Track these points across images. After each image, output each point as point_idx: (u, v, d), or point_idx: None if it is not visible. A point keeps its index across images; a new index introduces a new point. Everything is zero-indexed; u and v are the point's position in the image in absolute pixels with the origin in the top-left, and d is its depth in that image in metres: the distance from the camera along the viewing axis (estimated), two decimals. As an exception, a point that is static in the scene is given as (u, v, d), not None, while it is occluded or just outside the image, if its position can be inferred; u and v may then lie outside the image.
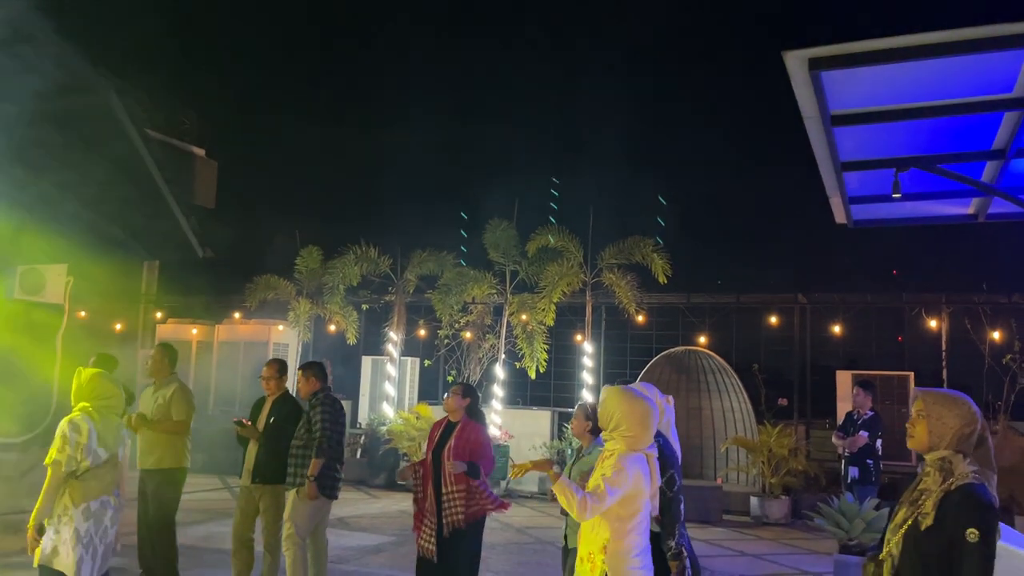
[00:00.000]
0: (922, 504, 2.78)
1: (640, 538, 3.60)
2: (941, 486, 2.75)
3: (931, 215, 7.27)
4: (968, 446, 2.81)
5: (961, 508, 2.67)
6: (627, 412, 3.62)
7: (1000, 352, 11.81)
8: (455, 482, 5.25)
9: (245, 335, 15.12)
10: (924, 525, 2.72)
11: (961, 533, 2.62)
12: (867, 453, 8.40)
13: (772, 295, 13.25)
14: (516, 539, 9.46)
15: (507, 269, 13.50)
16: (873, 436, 8.41)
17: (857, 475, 8.35)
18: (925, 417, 2.87)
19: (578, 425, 5.07)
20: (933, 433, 2.84)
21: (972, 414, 2.84)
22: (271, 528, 6.15)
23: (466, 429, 5.41)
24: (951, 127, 5.25)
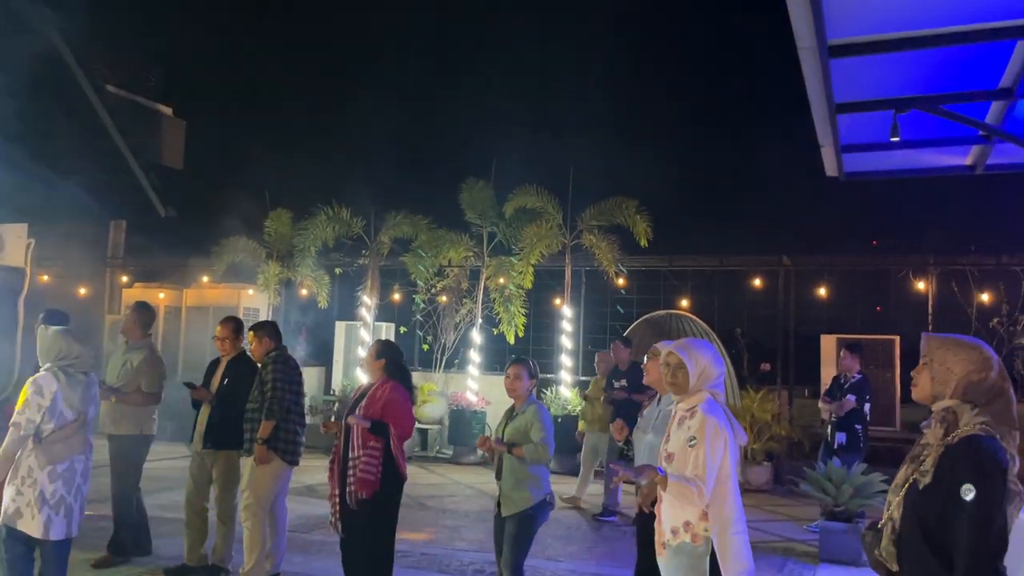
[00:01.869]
0: (923, 461, 2.45)
1: (737, 498, 3.36)
2: (943, 439, 2.42)
3: (926, 166, 6.93)
4: (978, 395, 2.45)
5: (959, 462, 2.33)
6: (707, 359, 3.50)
7: (988, 315, 11.58)
8: (361, 446, 4.78)
9: (214, 299, 14.62)
10: (923, 484, 2.39)
11: (955, 490, 2.29)
12: (855, 418, 8.14)
13: (756, 258, 12.91)
14: (490, 507, 9.08)
15: (484, 231, 13.08)
16: (861, 400, 8.15)
17: (844, 441, 8.09)
18: (928, 363, 2.53)
19: (521, 385, 4.74)
20: (936, 380, 2.50)
21: (984, 360, 2.48)
22: (225, 496, 5.77)
23: (380, 388, 4.97)
24: (955, 62, 4.87)
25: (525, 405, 4.71)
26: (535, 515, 4.57)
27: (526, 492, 4.54)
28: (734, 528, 3.30)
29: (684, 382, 3.47)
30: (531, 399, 4.74)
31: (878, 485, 7.01)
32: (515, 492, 4.54)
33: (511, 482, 4.56)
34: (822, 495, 7.04)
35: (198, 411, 5.92)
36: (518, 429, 4.62)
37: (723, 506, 3.28)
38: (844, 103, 5.34)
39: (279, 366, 5.51)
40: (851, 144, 6.41)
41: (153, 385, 6.16)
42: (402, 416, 4.95)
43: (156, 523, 6.99)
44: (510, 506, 4.55)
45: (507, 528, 4.54)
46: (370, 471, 4.74)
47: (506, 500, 4.58)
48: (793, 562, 7.07)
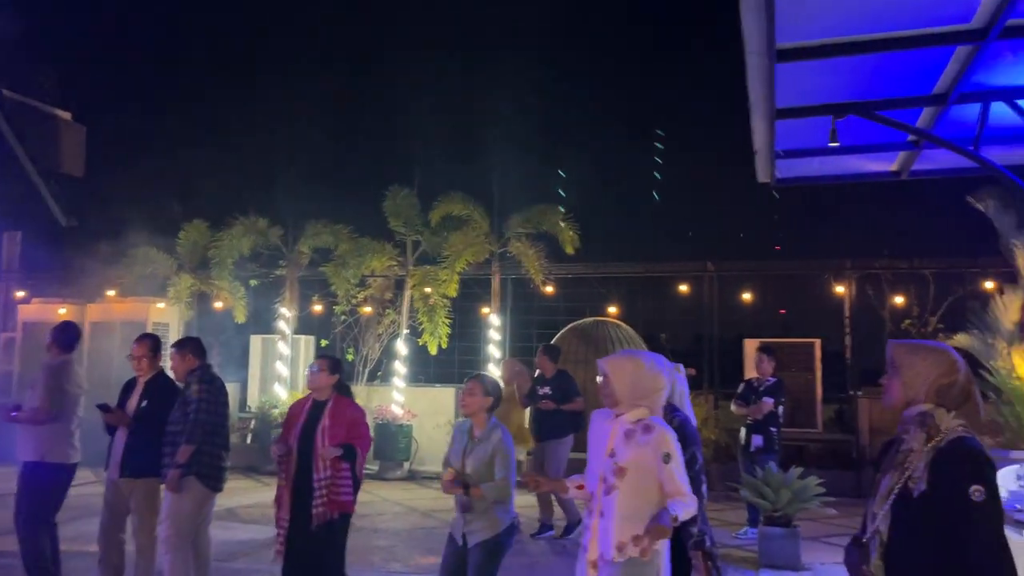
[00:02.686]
0: (910, 467, 2.39)
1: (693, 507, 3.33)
2: (928, 444, 2.37)
3: (854, 172, 7.06)
4: (950, 400, 2.44)
5: (958, 465, 2.30)
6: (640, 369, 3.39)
7: (900, 317, 11.98)
8: (329, 467, 4.65)
9: (120, 314, 13.82)
10: (917, 490, 2.34)
11: (962, 493, 2.24)
12: (771, 420, 8.21)
13: (681, 264, 13.04)
14: (422, 524, 8.87)
15: (408, 239, 12.79)
16: (777, 402, 8.22)
17: (762, 443, 8.13)
18: (898, 369, 2.51)
19: (476, 402, 4.32)
20: (907, 385, 2.48)
21: (951, 364, 2.48)
22: (145, 528, 5.33)
23: (339, 406, 4.83)
24: (892, 68, 4.94)
25: (487, 430, 4.32)
26: (504, 542, 4.26)
27: (494, 517, 4.21)
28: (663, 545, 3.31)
29: (612, 394, 3.41)
30: (492, 421, 4.37)
31: (815, 489, 7.06)
32: (482, 519, 4.21)
33: (479, 509, 4.21)
34: (760, 500, 7.05)
35: (113, 436, 5.47)
36: (481, 460, 4.25)
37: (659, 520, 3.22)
38: (784, 108, 5.34)
39: (204, 386, 5.13)
40: (784, 150, 6.45)
41: (46, 400, 5.56)
42: (366, 435, 4.96)
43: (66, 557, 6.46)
44: (478, 535, 4.21)
45: (472, 557, 4.20)
46: (347, 492, 4.74)
47: (473, 529, 4.22)
48: (733, 569, 7.04)
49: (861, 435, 11.65)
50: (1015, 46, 4.44)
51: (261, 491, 10.77)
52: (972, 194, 8.21)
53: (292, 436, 4.86)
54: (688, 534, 3.55)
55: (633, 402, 3.35)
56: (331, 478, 4.69)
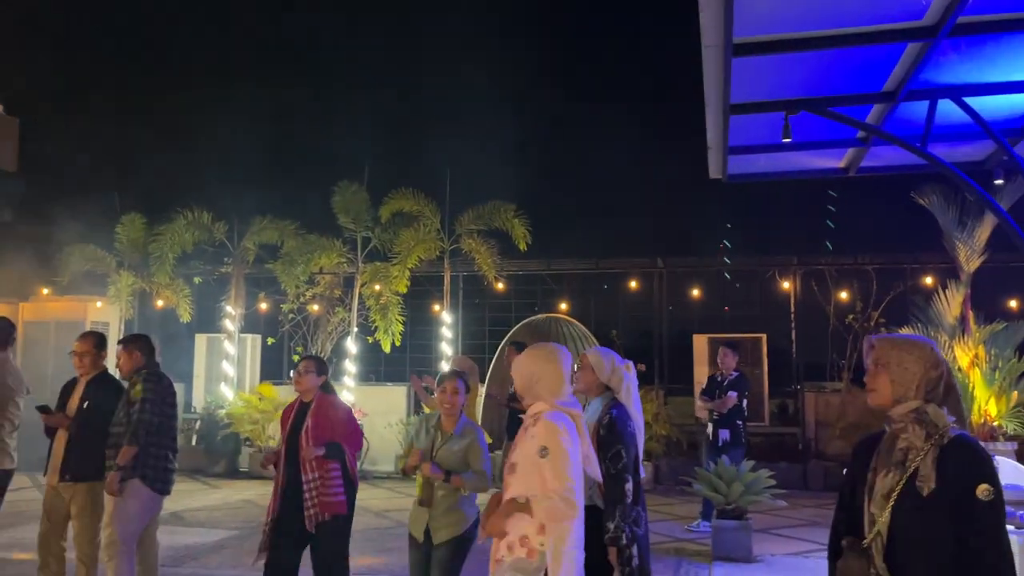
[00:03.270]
0: (912, 466, 2.32)
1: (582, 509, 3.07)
2: (930, 441, 2.32)
3: (803, 168, 7.16)
4: (937, 394, 2.40)
5: (964, 463, 2.27)
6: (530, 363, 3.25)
7: (844, 312, 12.25)
8: (319, 467, 4.61)
9: (57, 313, 13.35)
10: (927, 489, 2.27)
11: (969, 492, 2.22)
12: (737, 414, 8.32)
13: (631, 260, 13.13)
14: (375, 524, 8.74)
15: (358, 236, 12.60)
16: (741, 396, 8.35)
17: (728, 437, 8.25)
18: (885, 366, 2.44)
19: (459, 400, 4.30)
20: (896, 382, 2.42)
21: (935, 357, 2.44)
22: (86, 534, 5.11)
23: (322, 406, 4.78)
24: (844, 65, 5.00)
25: (462, 427, 4.29)
26: (470, 537, 4.24)
27: (461, 514, 4.21)
28: (569, 544, 3.03)
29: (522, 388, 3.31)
30: (464, 419, 4.35)
31: (766, 481, 7.15)
32: (449, 516, 4.19)
33: (444, 506, 4.19)
34: (714, 494, 7.11)
35: (52, 439, 5.23)
36: (455, 454, 4.21)
37: (562, 521, 3.03)
38: (738, 104, 5.38)
39: (150, 385, 4.94)
40: (737, 146, 6.51)
41: None
42: (354, 432, 4.91)
43: (3, 566, 6.21)
44: (444, 532, 4.18)
45: (440, 555, 4.16)
46: (337, 493, 4.65)
47: (439, 526, 4.19)
48: (687, 562, 7.09)
49: (807, 428, 11.88)
50: (964, 43, 4.54)
51: (207, 494, 10.51)
52: (915, 191, 8.44)
53: (283, 440, 4.85)
54: (605, 528, 3.51)
55: (531, 396, 3.25)
56: (320, 479, 4.61)
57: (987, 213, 8.27)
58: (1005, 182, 7.35)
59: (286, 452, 4.76)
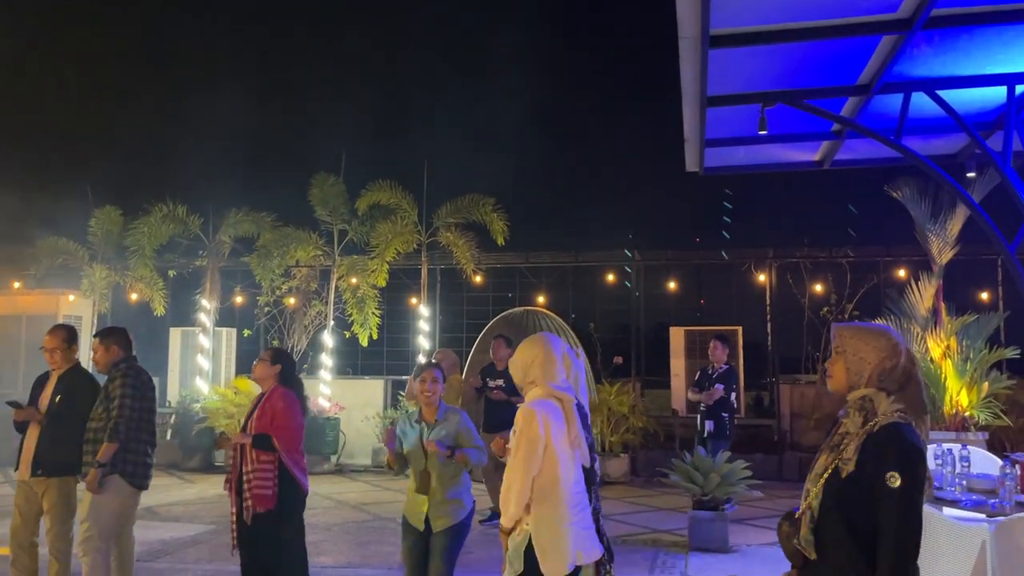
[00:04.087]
0: (843, 449, 2.45)
1: (566, 491, 3.16)
2: (863, 428, 2.44)
3: (779, 162, 7.21)
4: (891, 383, 2.50)
5: (882, 451, 2.36)
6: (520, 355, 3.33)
7: (819, 305, 12.37)
8: (255, 459, 4.53)
9: (27, 307, 13.15)
10: (845, 472, 2.40)
11: (880, 478, 2.32)
12: (722, 406, 8.44)
13: (608, 253, 13.16)
14: (353, 517, 8.71)
15: (335, 228, 12.52)
16: (728, 389, 8.45)
17: (713, 428, 8.38)
18: (842, 353, 2.55)
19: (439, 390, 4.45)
20: (851, 370, 2.52)
21: (893, 347, 2.52)
22: (59, 529, 5.04)
23: (272, 397, 4.72)
24: (820, 58, 5.03)
25: (443, 412, 4.39)
26: (467, 524, 4.35)
27: (459, 502, 4.30)
28: (556, 521, 3.15)
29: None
30: (444, 406, 4.44)
31: (742, 472, 7.20)
32: (448, 504, 4.27)
33: (441, 494, 4.27)
34: (689, 484, 7.15)
35: (23, 434, 5.16)
36: (443, 439, 4.29)
37: (545, 501, 3.16)
38: (715, 96, 5.40)
39: (129, 380, 4.88)
40: (713, 139, 6.53)
41: None
42: (287, 425, 4.67)
43: (-29, 563, 6.11)
44: (443, 519, 4.26)
45: (439, 542, 4.23)
46: (266, 486, 4.51)
47: (437, 514, 4.26)
48: (664, 553, 7.13)
49: (782, 420, 11.98)
50: (938, 36, 4.58)
51: (182, 488, 10.42)
52: (889, 184, 8.52)
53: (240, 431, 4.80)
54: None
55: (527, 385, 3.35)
56: (255, 471, 4.53)
57: (959, 206, 8.37)
58: (977, 175, 7.44)
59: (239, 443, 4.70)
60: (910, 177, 8.50)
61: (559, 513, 3.15)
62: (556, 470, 3.16)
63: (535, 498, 3.16)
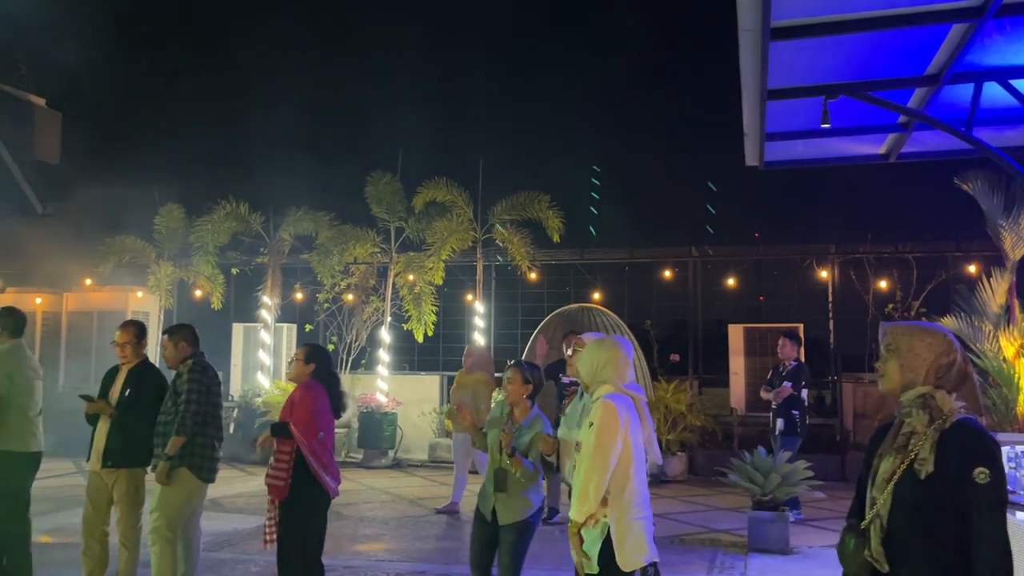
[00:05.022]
0: (914, 450, 2.34)
1: (640, 485, 3.27)
2: (932, 426, 2.34)
3: (842, 155, 7.03)
4: (948, 381, 2.42)
5: (964, 447, 2.27)
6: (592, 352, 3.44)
7: (884, 302, 12.03)
8: (276, 451, 4.62)
9: (99, 303, 13.62)
10: (924, 472, 2.29)
11: (967, 475, 2.23)
12: (792, 403, 8.30)
13: (666, 249, 13.03)
14: (410, 512, 8.80)
15: (392, 226, 12.66)
16: (797, 386, 8.30)
17: (783, 426, 8.26)
18: (895, 352, 2.47)
19: (516, 390, 4.43)
20: (906, 368, 2.44)
21: (948, 344, 2.45)
22: (128, 519, 5.20)
23: (297, 390, 4.77)
24: (885, 48, 4.89)
25: (529, 417, 4.40)
26: (534, 522, 4.40)
27: (527, 499, 4.34)
28: (632, 514, 3.26)
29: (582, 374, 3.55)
30: (535, 411, 4.46)
31: (803, 472, 7.07)
32: (516, 499, 4.32)
33: (514, 490, 4.32)
34: (749, 484, 7.04)
35: (94, 426, 5.33)
36: (524, 446, 4.33)
37: (621, 493, 3.24)
38: (775, 89, 5.29)
39: (196, 375, 5.01)
40: (773, 132, 6.40)
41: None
42: (307, 417, 4.62)
43: (47, 549, 6.38)
44: (510, 514, 4.31)
45: (506, 537, 4.30)
46: (279, 476, 4.55)
47: (505, 508, 4.32)
48: (723, 553, 7.04)
49: (845, 419, 11.71)
50: (1010, 24, 4.41)
51: (244, 480, 10.67)
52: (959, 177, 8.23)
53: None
54: None
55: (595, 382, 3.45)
56: (275, 461, 4.61)
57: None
58: (1052, 167, 7.14)
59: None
60: (981, 170, 8.19)
61: (634, 507, 3.24)
62: (631, 465, 3.25)
63: (611, 491, 3.23)
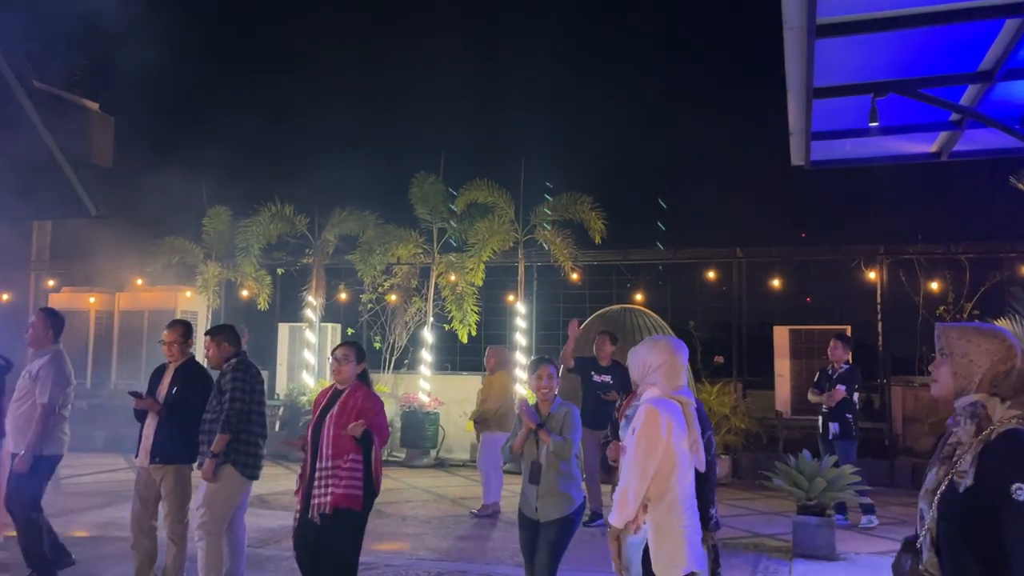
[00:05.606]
0: (958, 461, 2.24)
1: (683, 492, 3.19)
2: (977, 436, 2.22)
3: (892, 154, 6.88)
4: (1007, 388, 2.27)
5: (1006, 460, 2.14)
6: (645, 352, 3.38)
7: (935, 304, 11.75)
8: (332, 457, 4.48)
9: (149, 303, 13.96)
10: (963, 485, 2.18)
11: (1005, 489, 2.10)
12: (847, 407, 8.16)
13: (709, 250, 12.88)
14: (451, 511, 8.84)
15: (434, 227, 12.73)
16: (851, 389, 8.17)
17: (838, 430, 8.11)
18: (948, 356, 2.34)
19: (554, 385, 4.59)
20: (959, 374, 2.31)
21: (1007, 349, 2.30)
22: (175, 514, 5.32)
23: (355, 393, 4.66)
24: (936, 44, 4.77)
25: (557, 407, 4.56)
26: (575, 519, 4.43)
27: (569, 495, 4.39)
28: (672, 522, 3.17)
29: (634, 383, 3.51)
30: (559, 401, 4.60)
31: (850, 478, 6.94)
32: (556, 496, 4.36)
33: (552, 485, 4.37)
34: (794, 488, 6.93)
35: (142, 422, 5.46)
36: (553, 429, 4.46)
37: (662, 500, 3.18)
38: (822, 87, 5.20)
39: (239, 374, 5.10)
40: (820, 131, 6.29)
41: (45, 395, 5.58)
42: (383, 425, 4.75)
43: (98, 543, 6.54)
44: (551, 511, 4.36)
45: (546, 534, 4.33)
46: (356, 485, 4.47)
47: (546, 504, 4.36)
48: (766, 558, 6.94)
49: (894, 423, 11.46)
50: (1068, 18, 4.28)
51: (289, 479, 10.80)
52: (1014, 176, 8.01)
53: (312, 427, 4.79)
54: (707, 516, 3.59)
55: (644, 383, 3.40)
56: (332, 468, 4.46)
57: (1092, 199, 7.80)
58: (1113, 165, 6.92)
59: (312, 438, 4.66)
60: (1037, 168, 7.98)
61: (675, 515, 3.17)
62: (674, 471, 3.18)
63: (651, 498, 3.18)
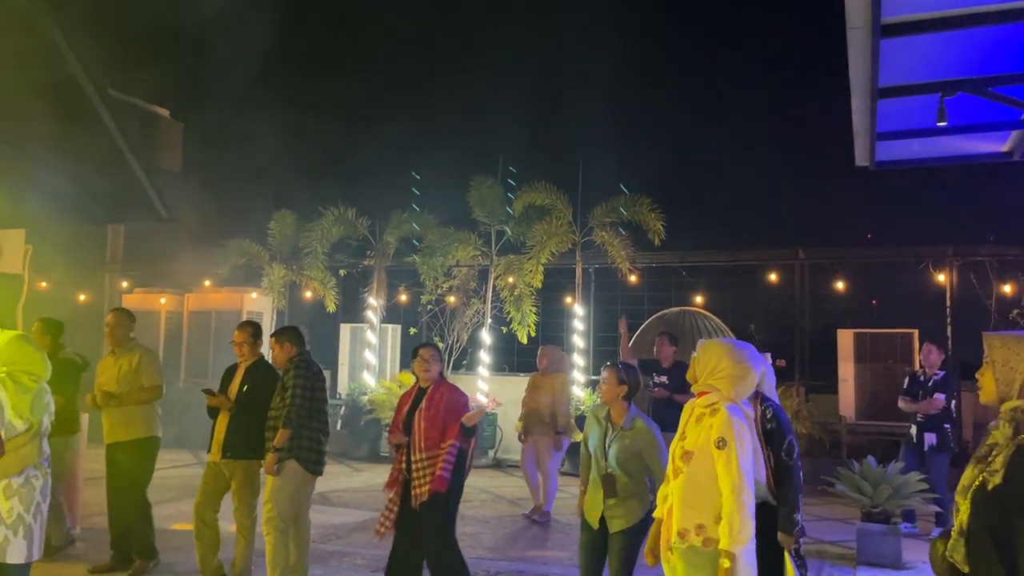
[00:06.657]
0: (991, 461, 2.35)
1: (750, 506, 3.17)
2: (1013, 439, 2.32)
3: (961, 154, 6.71)
4: None
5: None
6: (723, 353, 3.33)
7: (1008, 307, 11.37)
8: (425, 448, 4.78)
9: (216, 304, 14.35)
10: (992, 484, 2.29)
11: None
12: (945, 417, 7.75)
13: (770, 251, 12.69)
14: (509, 512, 8.90)
15: (492, 229, 12.84)
16: (950, 398, 7.77)
17: (935, 442, 7.67)
18: (991, 363, 2.44)
19: (610, 390, 4.40)
20: (1000, 381, 2.41)
21: None
22: (244, 508, 5.51)
23: (439, 389, 4.96)
24: (1007, 41, 4.65)
25: (629, 418, 4.36)
26: (644, 528, 4.33)
27: (636, 503, 4.33)
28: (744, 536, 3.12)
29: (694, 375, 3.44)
30: (633, 410, 4.41)
31: (916, 485, 6.78)
32: (626, 505, 4.31)
33: (623, 495, 4.32)
34: (858, 495, 6.80)
35: (214, 419, 5.67)
36: (628, 450, 4.30)
37: (738, 513, 3.13)
38: (887, 87, 5.11)
39: (301, 371, 5.27)
40: (885, 132, 6.18)
41: (154, 379, 6.10)
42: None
43: (165, 536, 6.77)
44: (620, 520, 4.31)
45: (616, 543, 4.30)
46: (444, 468, 4.70)
47: (614, 515, 4.33)
48: (829, 566, 6.83)
49: (963, 429, 11.13)
50: None
51: (351, 476, 11.02)
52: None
53: (398, 423, 5.04)
54: (792, 522, 3.63)
55: (709, 384, 3.34)
56: (428, 460, 4.76)
57: None
58: None
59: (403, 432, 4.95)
60: (1117, 167, 7.68)
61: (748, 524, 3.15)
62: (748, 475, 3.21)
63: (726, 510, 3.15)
